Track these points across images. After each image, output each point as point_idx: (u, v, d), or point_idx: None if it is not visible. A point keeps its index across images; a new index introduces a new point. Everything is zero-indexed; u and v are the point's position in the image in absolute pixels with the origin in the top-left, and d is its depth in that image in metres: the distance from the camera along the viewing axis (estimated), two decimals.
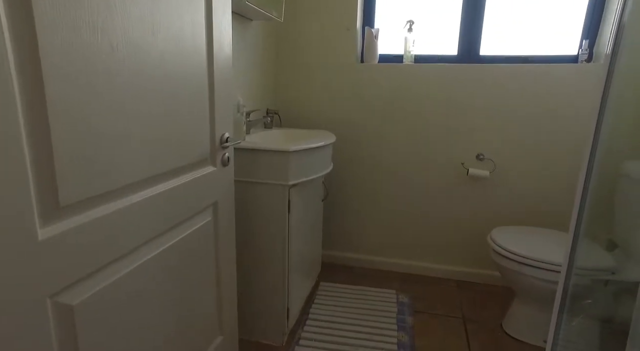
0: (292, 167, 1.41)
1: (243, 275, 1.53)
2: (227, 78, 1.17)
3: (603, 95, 0.77)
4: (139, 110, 0.79)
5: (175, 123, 0.93)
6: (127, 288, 0.81)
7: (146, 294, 0.88)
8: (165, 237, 0.94)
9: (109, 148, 0.72)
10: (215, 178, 1.16)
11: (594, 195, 1.92)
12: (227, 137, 1.19)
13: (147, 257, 0.87)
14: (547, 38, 1.91)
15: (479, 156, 1.96)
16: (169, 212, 0.94)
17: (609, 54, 0.78)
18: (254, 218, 1.48)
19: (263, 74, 1.99)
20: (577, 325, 1.61)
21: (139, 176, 0.82)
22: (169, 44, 0.87)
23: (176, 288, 1.00)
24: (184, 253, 1.02)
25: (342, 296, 1.91)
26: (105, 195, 0.73)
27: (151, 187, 0.87)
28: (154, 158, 0.86)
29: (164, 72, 0.87)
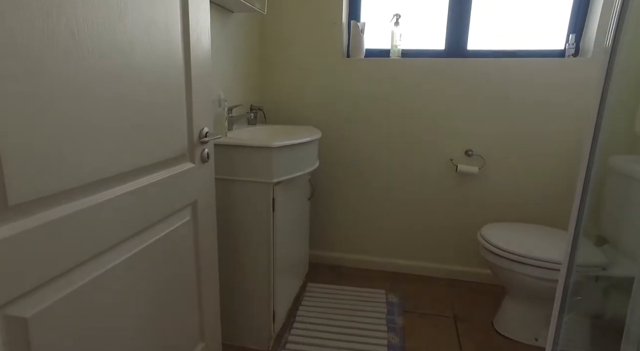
0: (276, 164, 1.35)
1: (226, 278, 1.47)
2: (206, 70, 1.10)
3: (603, 91, 0.73)
4: (104, 100, 0.72)
5: (148, 116, 0.86)
6: (93, 296, 0.74)
7: (116, 302, 0.81)
8: (138, 239, 0.87)
9: (69, 142, 0.65)
10: (194, 175, 1.09)
11: None
12: (206, 132, 1.12)
13: (116, 261, 0.80)
14: (534, 32, 1.89)
15: (468, 152, 1.93)
16: (142, 212, 0.87)
17: (609, 48, 0.74)
18: (237, 217, 1.41)
19: (246, 68, 1.92)
20: (568, 322, 1.59)
21: (105, 173, 0.74)
22: (139, 31, 0.80)
23: (151, 295, 0.93)
24: (159, 256, 0.95)
25: (330, 297, 1.86)
26: (65, 194, 0.66)
27: (120, 185, 0.80)
28: (123, 154, 0.79)
29: (134, 61, 0.80)
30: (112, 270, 0.79)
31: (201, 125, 1.10)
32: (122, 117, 0.78)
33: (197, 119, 1.08)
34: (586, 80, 1.76)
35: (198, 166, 1.10)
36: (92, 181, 0.71)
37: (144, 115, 0.85)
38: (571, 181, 1.86)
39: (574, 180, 1.86)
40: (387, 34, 2.02)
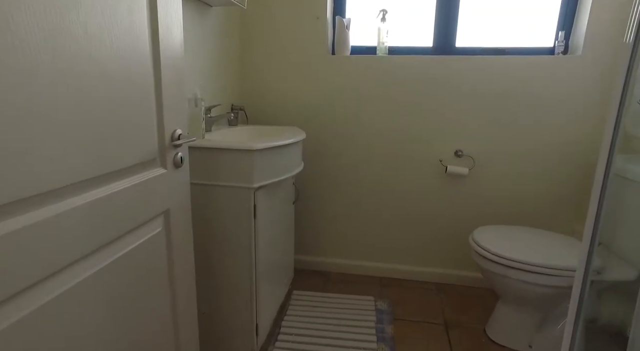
0: (257, 168, 1.26)
1: (205, 290, 1.37)
2: (178, 67, 1.00)
3: (623, 90, 0.66)
4: (54, 98, 0.62)
5: (110, 116, 0.76)
6: (47, 323, 0.64)
7: (76, 328, 0.71)
8: (100, 254, 0.77)
9: (12, 147, 0.55)
10: (166, 181, 0.99)
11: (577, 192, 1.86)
12: (179, 134, 1.02)
13: (75, 281, 0.70)
14: (523, 30, 1.85)
15: (458, 152, 1.87)
16: (105, 225, 0.77)
17: (631, 43, 0.67)
18: (216, 225, 1.32)
19: (226, 66, 1.82)
20: (561, 328, 1.55)
21: (57, 183, 0.64)
22: (94, 17, 0.70)
23: (119, 314, 0.83)
24: (128, 272, 0.86)
25: (317, 306, 1.77)
26: (9, 207, 0.56)
27: (77, 195, 0.70)
28: (79, 160, 0.69)
29: (91, 54, 0.70)
30: (70, 291, 0.69)
31: (173, 126, 1.00)
32: (77, 116, 0.68)
33: (169, 120, 0.98)
34: (576, 78, 1.72)
35: (170, 171, 1.01)
36: (43, 192, 0.61)
37: (105, 115, 0.75)
38: (564, 181, 1.82)
39: (567, 180, 1.83)
40: (373, 31, 1.95)
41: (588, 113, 1.74)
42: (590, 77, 1.71)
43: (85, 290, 0.73)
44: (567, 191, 1.83)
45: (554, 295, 1.42)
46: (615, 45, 1.67)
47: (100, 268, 0.77)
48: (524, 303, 1.49)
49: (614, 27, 1.66)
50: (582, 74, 1.71)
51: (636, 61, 0.64)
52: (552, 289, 1.39)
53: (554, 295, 1.43)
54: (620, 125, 0.67)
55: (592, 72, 1.71)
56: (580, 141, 1.77)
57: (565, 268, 1.35)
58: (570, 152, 1.79)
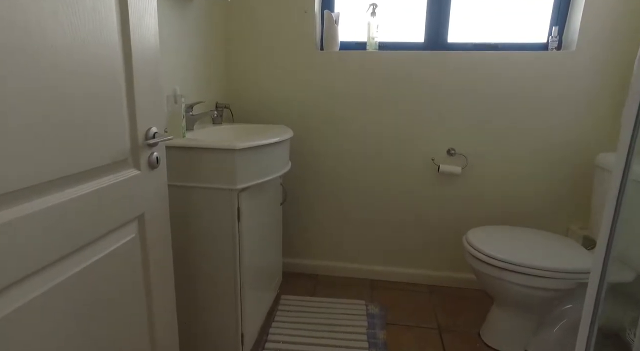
0: (241, 168, 1.19)
1: (187, 297, 1.29)
2: (153, 60, 0.93)
3: None
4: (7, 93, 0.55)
5: (72, 114, 0.69)
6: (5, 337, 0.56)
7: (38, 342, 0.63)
8: (65, 264, 0.70)
9: None
10: (139, 183, 0.91)
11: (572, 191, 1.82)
12: (154, 132, 0.95)
13: (36, 293, 0.63)
14: (516, 25, 1.80)
15: (450, 151, 1.82)
16: (70, 231, 0.69)
17: None
18: (198, 229, 1.24)
19: (210, 62, 1.74)
20: (558, 331, 1.50)
21: (15, 184, 0.57)
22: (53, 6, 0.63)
23: (87, 329, 0.76)
24: (97, 282, 0.78)
25: (306, 311, 1.71)
26: None
27: (39, 198, 0.63)
28: (38, 160, 0.62)
29: (49, 45, 0.62)
30: (28, 306, 0.61)
31: (148, 124, 0.93)
32: (34, 115, 0.60)
33: (143, 117, 0.91)
34: (570, 74, 1.68)
35: (145, 173, 0.93)
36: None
37: (67, 111, 0.67)
38: (559, 180, 1.78)
39: (563, 179, 1.80)
40: (363, 25, 1.89)
41: (583, 110, 1.70)
42: (585, 73, 1.67)
43: (48, 304, 0.66)
44: (562, 190, 1.79)
45: (551, 297, 1.38)
46: (611, 40, 1.63)
47: (65, 279, 0.70)
48: (519, 306, 1.45)
49: (609, 23, 1.62)
50: (577, 70, 1.67)
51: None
52: (549, 292, 1.35)
53: (551, 298, 1.38)
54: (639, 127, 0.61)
55: (586, 68, 1.67)
56: (575, 139, 1.73)
57: (563, 270, 1.31)
58: (565, 150, 1.75)
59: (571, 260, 1.35)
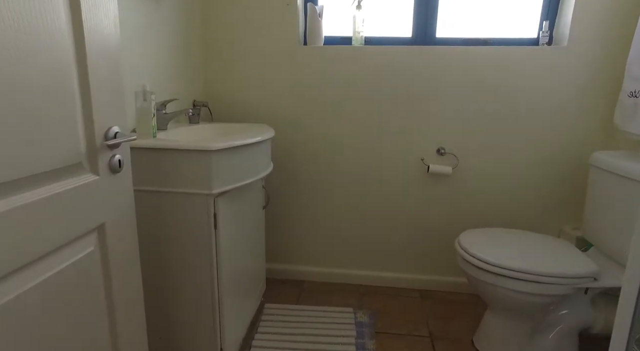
0: (217, 171, 1.09)
1: (161, 311, 1.19)
2: (112, 51, 0.83)
3: None
4: None
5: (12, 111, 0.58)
6: None
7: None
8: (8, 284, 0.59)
9: None
10: (98, 190, 0.81)
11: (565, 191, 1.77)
12: (115, 132, 0.84)
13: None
14: (506, 20, 1.74)
15: (440, 150, 1.75)
16: (14, 245, 0.59)
17: None
18: (171, 238, 1.14)
19: (186, 57, 1.63)
20: (554, 337, 1.45)
21: None
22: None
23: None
24: (47, 303, 0.68)
25: (292, 321, 1.62)
26: None
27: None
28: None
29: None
30: None
31: (107, 123, 0.83)
32: None
33: (101, 115, 0.80)
34: (562, 70, 1.63)
35: (105, 178, 0.83)
36: None
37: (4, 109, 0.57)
38: (552, 180, 1.73)
39: (556, 177, 1.74)
40: (348, 20, 1.81)
41: (574, 108, 1.65)
42: (576, 69, 1.62)
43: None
44: (554, 190, 1.73)
45: (547, 303, 1.32)
46: (602, 35, 1.58)
47: (8, 300, 0.59)
48: (514, 312, 1.38)
49: (600, 17, 1.57)
50: (568, 66, 1.62)
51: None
52: (546, 298, 1.29)
53: (547, 304, 1.32)
54: None
55: (578, 64, 1.61)
56: (567, 137, 1.68)
57: (560, 275, 1.25)
58: (557, 148, 1.69)
59: (568, 265, 1.29)
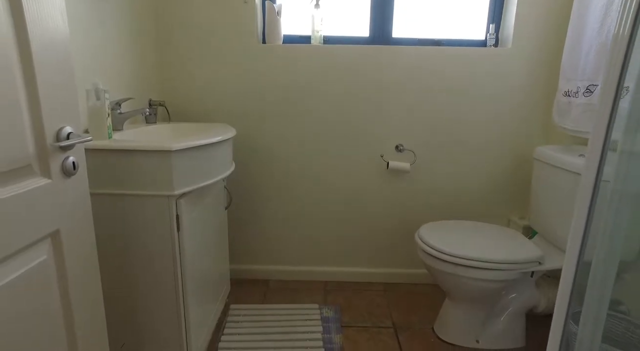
0: (178, 171, 1.06)
1: (124, 318, 1.14)
2: (60, 44, 0.78)
3: (618, 84, 0.58)
4: None
5: None
6: None
7: None
8: None
9: None
10: (51, 194, 0.76)
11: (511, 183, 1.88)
12: (68, 132, 0.80)
13: None
14: (458, 22, 1.83)
15: (399, 147, 1.81)
16: None
17: (627, 35, 0.59)
18: (132, 242, 1.10)
19: (139, 55, 1.57)
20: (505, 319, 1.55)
21: None
22: None
23: None
24: None
25: (258, 320, 1.61)
26: None
27: None
28: None
29: None
30: None
31: (59, 123, 0.78)
32: None
33: (51, 115, 0.76)
34: (507, 70, 1.73)
35: (58, 181, 0.78)
36: None
37: None
38: (499, 173, 1.84)
39: (506, 171, 1.85)
40: (307, 19, 1.82)
41: (519, 105, 1.77)
42: (520, 69, 1.73)
43: None
44: (502, 183, 1.85)
45: (499, 288, 1.41)
46: (543, 37, 1.71)
47: None
48: (470, 299, 1.46)
49: (541, 21, 1.69)
50: (512, 66, 1.73)
51: (633, 53, 0.56)
52: (498, 283, 1.37)
53: (499, 289, 1.41)
54: (612, 126, 0.59)
55: (521, 65, 1.73)
56: (513, 133, 1.80)
57: (512, 261, 1.34)
58: (503, 144, 1.81)
59: (517, 251, 1.38)
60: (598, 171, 0.61)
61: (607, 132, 0.58)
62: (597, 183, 0.62)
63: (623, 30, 0.56)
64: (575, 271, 0.68)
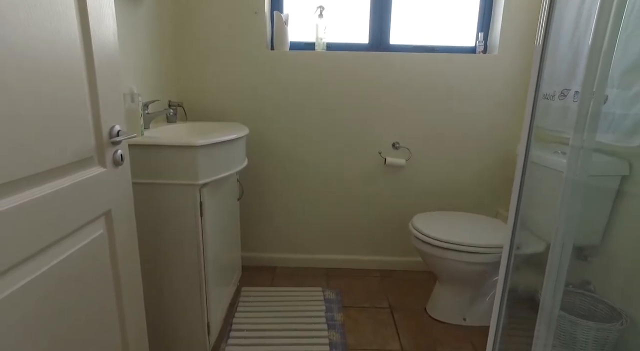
0: (202, 164, 1.23)
1: (153, 291, 1.32)
2: (113, 57, 0.95)
3: (536, 85, 0.75)
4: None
5: (39, 112, 0.71)
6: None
7: (11, 340, 0.65)
8: (36, 261, 0.72)
9: None
10: (106, 181, 0.94)
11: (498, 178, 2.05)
12: (118, 130, 0.97)
13: (5, 293, 0.65)
14: (450, 30, 2.00)
15: (395, 145, 1.98)
16: (40, 229, 0.71)
17: (540, 44, 0.76)
18: (161, 224, 1.27)
19: (161, 60, 1.74)
20: (489, 300, 1.72)
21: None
22: (12, 2, 0.65)
23: (61, 323, 0.78)
24: (68, 277, 0.80)
25: (267, 300, 1.78)
26: None
27: (7, 196, 0.65)
28: (6, 159, 0.64)
29: (7, 42, 0.64)
30: (2, 304, 0.63)
31: (111, 122, 0.95)
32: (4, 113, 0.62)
33: (106, 115, 0.93)
34: (494, 75, 1.90)
35: (110, 170, 0.95)
36: None
37: (35, 112, 0.70)
38: (487, 169, 2.01)
39: (492, 168, 2.02)
40: (311, 27, 1.99)
41: (505, 106, 1.94)
42: (505, 74, 1.90)
43: (20, 301, 0.68)
44: (490, 178, 2.02)
45: (483, 271, 1.58)
46: (526, 44, 1.87)
47: (37, 275, 0.72)
48: (458, 281, 1.63)
49: (525, 29, 1.86)
50: (500, 71, 1.90)
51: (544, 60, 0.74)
52: (481, 266, 1.54)
53: (483, 272, 1.58)
54: (534, 118, 0.77)
55: (506, 70, 1.90)
56: (499, 132, 1.96)
57: (493, 246, 1.51)
58: (491, 142, 1.98)
59: (498, 237, 1.55)
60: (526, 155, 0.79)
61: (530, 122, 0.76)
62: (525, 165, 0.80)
63: None
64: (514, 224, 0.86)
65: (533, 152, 1.66)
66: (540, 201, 1.64)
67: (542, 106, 1.75)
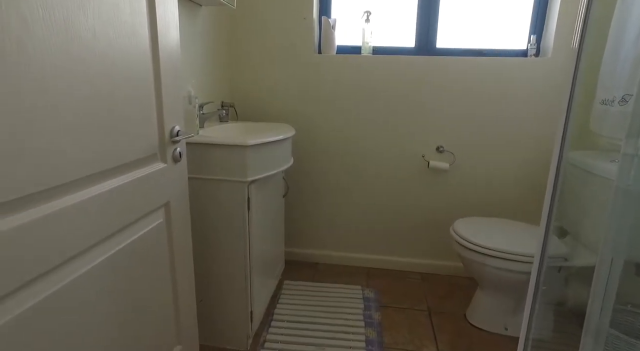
0: (251, 162, 1.32)
1: (202, 278, 1.43)
2: (175, 64, 1.06)
3: (571, 90, 0.75)
4: (67, 97, 0.68)
5: (116, 114, 0.82)
6: (60, 305, 0.69)
7: (86, 310, 0.76)
8: (110, 243, 0.83)
9: (24, 142, 0.60)
10: (166, 175, 1.05)
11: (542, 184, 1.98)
12: (177, 130, 1.08)
13: (86, 268, 0.76)
14: (499, 32, 1.95)
15: (439, 148, 1.97)
16: (113, 216, 0.83)
17: (576, 48, 0.76)
18: (212, 217, 1.38)
19: (216, 64, 1.87)
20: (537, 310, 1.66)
21: (68, 176, 0.70)
22: (101, 21, 0.76)
23: (125, 300, 0.89)
24: (133, 260, 0.91)
25: (307, 295, 1.85)
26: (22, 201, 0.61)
27: (87, 188, 0.76)
28: (88, 154, 0.75)
29: (98, 54, 0.75)
30: (82, 277, 0.74)
31: (172, 123, 1.06)
32: (87, 114, 0.73)
33: (168, 117, 1.04)
34: (546, 79, 1.84)
35: (170, 166, 1.07)
36: (55, 185, 0.67)
37: (111, 113, 0.81)
38: (536, 176, 1.94)
39: (539, 175, 1.96)
40: (357, 31, 2.03)
41: (554, 111, 1.85)
42: (558, 78, 1.83)
43: (97, 276, 0.79)
44: (537, 185, 1.95)
45: (526, 280, 1.53)
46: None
47: (106, 257, 0.83)
48: (499, 289, 1.60)
49: None
50: (552, 75, 1.83)
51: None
52: (525, 275, 1.50)
53: (526, 280, 1.54)
54: (570, 122, 0.77)
55: (560, 74, 1.82)
56: (547, 138, 1.89)
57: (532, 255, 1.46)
58: (541, 148, 1.91)
59: None
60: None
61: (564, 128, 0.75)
62: None
63: None
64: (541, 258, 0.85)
65: (589, 161, 1.59)
66: (597, 213, 1.57)
67: (600, 112, 1.66)
